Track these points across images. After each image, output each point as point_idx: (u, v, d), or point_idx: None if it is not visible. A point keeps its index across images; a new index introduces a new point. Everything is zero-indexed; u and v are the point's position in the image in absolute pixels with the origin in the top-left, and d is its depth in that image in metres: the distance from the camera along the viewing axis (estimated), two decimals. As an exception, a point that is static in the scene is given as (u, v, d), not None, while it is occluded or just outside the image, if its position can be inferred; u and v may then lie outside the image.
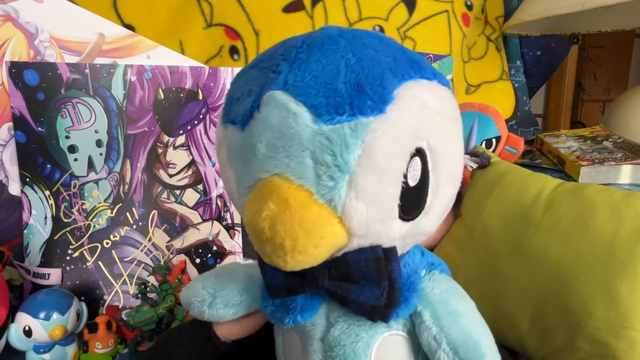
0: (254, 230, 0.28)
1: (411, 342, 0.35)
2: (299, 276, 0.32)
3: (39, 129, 0.65)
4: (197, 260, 0.73)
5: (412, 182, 0.31)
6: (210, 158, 0.73)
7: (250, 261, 0.76)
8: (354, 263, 0.31)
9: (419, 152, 0.31)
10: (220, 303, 0.39)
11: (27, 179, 0.65)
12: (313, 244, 0.28)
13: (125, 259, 0.69)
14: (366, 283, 0.32)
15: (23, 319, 0.54)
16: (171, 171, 0.72)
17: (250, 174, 0.30)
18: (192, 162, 0.72)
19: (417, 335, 0.34)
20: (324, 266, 0.31)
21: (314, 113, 0.28)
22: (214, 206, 0.74)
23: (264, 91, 0.30)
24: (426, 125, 0.31)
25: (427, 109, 0.31)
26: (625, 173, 0.70)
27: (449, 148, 0.33)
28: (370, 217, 0.29)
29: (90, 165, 0.68)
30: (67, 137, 0.66)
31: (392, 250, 0.32)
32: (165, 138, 0.71)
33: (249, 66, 0.34)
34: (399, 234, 0.32)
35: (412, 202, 0.31)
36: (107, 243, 0.69)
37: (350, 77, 0.29)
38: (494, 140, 0.79)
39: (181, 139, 0.72)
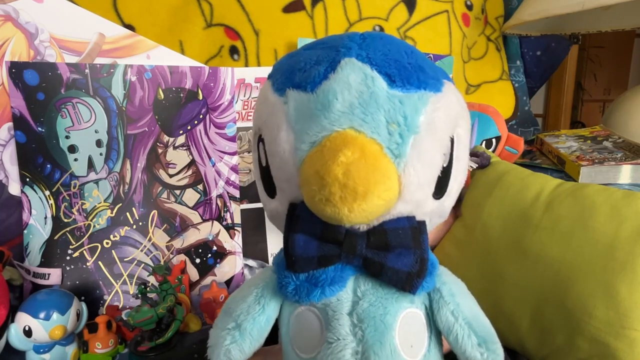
0: (324, 176, 0.29)
1: (426, 320, 0.37)
2: (335, 245, 0.34)
3: (39, 129, 0.65)
4: (197, 260, 0.73)
5: (445, 163, 0.34)
6: (210, 158, 0.73)
7: (249, 261, 0.76)
8: (392, 231, 0.33)
9: (451, 138, 0.35)
10: (248, 322, 0.38)
11: (27, 179, 0.65)
12: (378, 194, 0.29)
13: (125, 259, 0.69)
14: (402, 251, 0.34)
15: (23, 319, 0.54)
16: (171, 171, 0.72)
17: (319, 128, 0.31)
18: (192, 162, 0.72)
19: (435, 311, 0.37)
20: (362, 234, 0.33)
21: (388, 80, 0.32)
22: (214, 206, 0.74)
23: (339, 58, 0.32)
24: (460, 115, 0.35)
25: (460, 103, 0.36)
26: (625, 173, 0.70)
27: (467, 143, 0.37)
28: (421, 181, 0.32)
29: (90, 165, 0.68)
30: (67, 137, 0.66)
31: (423, 223, 0.35)
32: (165, 138, 0.71)
33: (302, 49, 0.36)
34: (429, 209, 0.35)
35: (442, 181, 0.35)
36: (107, 243, 0.69)
37: (412, 60, 0.33)
38: (494, 140, 0.79)
39: (181, 139, 0.72)
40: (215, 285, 0.69)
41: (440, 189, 0.35)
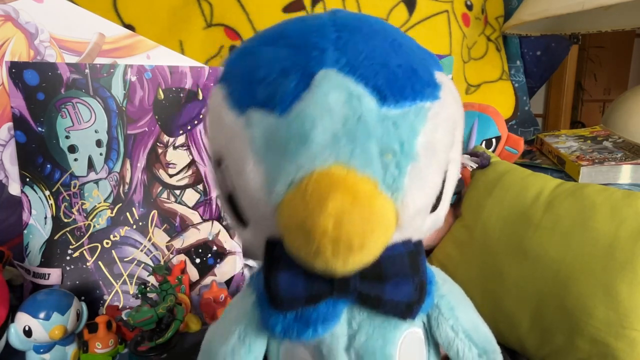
0: (310, 230, 0.24)
1: (425, 335, 0.35)
2: (325, 282, 0.29)
3: (39, 129, 0.65)
4: (197, 260, 0.73)
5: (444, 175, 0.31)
6: (210, 158, 0.73)
7: (249, 261, 0.76)
8: (387, 260, 0.29)
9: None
10: None
11: (27, 179, 0.65)
12: (375, 241, 0.25)
13: (125, 259, 0.69)
14: (400, 280, 0.30)
15: (23, 319, 0.54)
16: (171, 171, 0.72)
17: (296, 166, 0.25)
18: (192, 162, 0.72)
19: (434, 328, 0.34)
20: None
21: (377, 96, 0.26)
22: (214, 206, 0.74)
23: (312, 69, 0.26)
24: (458, 113, 0.31)
25: (454, 97, 0.31)
26: (625, 173, 0.70)
27: (461, 140, 0.33)
28: (420, 208, 0.28)
29: (90, 165, 0.68)
30: (67, 137, 0.66)
31: (420, 243, 0.32)
32: (165, 138, 0.71)
33: (259, 43, 0.29)
34: (426, 227, 0.31)
35: (438, 196, 0.31)
36: (107, 243, 0.69)
37: (402, 60, 0.27)
38: (494, 140, 0.79)
39: (181, 139, 0.72)
40: (215, 285, 0.69)
41: (435, 204, 0.31)
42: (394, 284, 0.30)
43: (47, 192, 0.66)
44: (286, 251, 0.27)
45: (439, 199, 0.31)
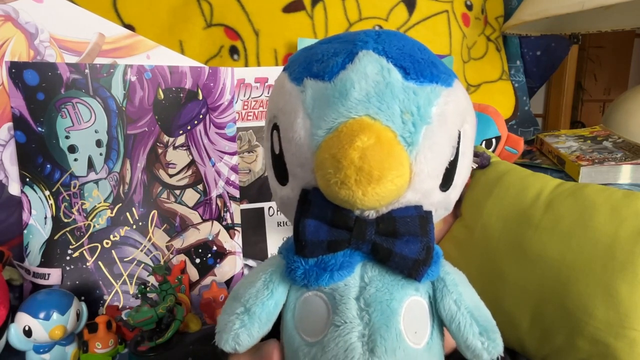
0: (340, 159, 0.30)
1: (430, 308, 0.38)
2: (345, 230, 0.34)
3: (39, 129, 0.65)
4: (197, 260, 0.73)
5: (452, 156, 0.36)
6: (210, 158, 0.73)
7: (249, 261, 0.76)
8: (400, 218, 0.35)
9: (459, 132, 0.36)
10: (257, 306, 0.38)
11: (27, 179, 0.65)
12: (391, 179, 0.30)
13: (125, 259, 0.69)
14: (409, 238, 0.35)
15: (23, 319, 0.54)
16: (171, 171, 0.72)
17: (336, 115, 0.32)
18: (192, 162, 0.72)
19: (438, 300, 0.38)
20: (371, 221, 0.34)
21: (403, 72, 0.33)
22: (213, 206, 0.74)
23: (357, 50, 0.34)
24: (467, 111, 0.37)
25: (467, 99, 0.37)
26: (625, 173, 0.70)
27: (472, 140, 0.38)
28: (431, 170, 0.34)
29: (90, 165, 0.68)
30: (67, 137, 0.66)
31: (430, 213, 0.36)
32: (165, 138, 0.71)
33: (318, 43, 0.38)
34: (436, 200, 0.36)
35: (449, 173, 0.36)
36: (107, 243, 0.69)
37: (425, 56, 0.35)
38: (493, 140, 0.79)
39: (181, 139, 0.72)
40: (215, 285, 0.69)
41: (446, 181, 0.36)
42: (405, 241, 0.35)
43: (47, 192, 0.66)
44: (316, 198, 0.34)
45: (449, 179, 0.36)
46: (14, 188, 0.65)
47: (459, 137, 0.36)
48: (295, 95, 0.35)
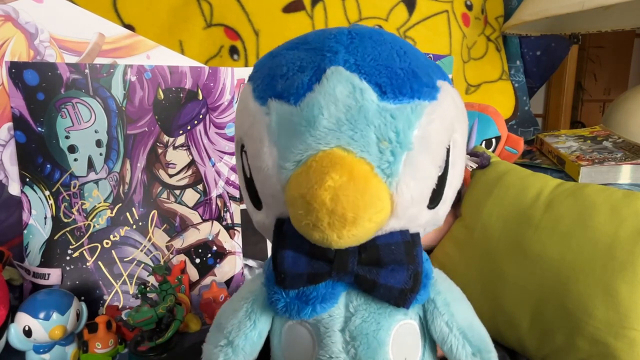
0: (310, 201, 0.27)
1: (420, 330, 0.37)
2: (326, 262, 0.32)
3: (39, 129, 0.65)
4: (197, 260, 0.73)
5: (440, 172, 0.33)
6: (210, 158, 0.73)
7: (249, 261, 0.76)
8: (384, 246, 0.32)
9: (447, 148, 0.33)
10: (239, 339, 0.37)
11: (27, 179, 0.65)
12: (369, 218, 0.28)
13: (125, 259, 0.69)
14: (395, 267, 0.33)
15: (23, 319, 0.54)
16: (171, 171, 0.72)
17: (304, 146, 0.29)
18: (192, 162, 0.72)
19: (429, 322, 0.36)
20: (353, 251, 0.32)
21: (378, 91, 0.29)
22: (213, 206, 0.74)
23: (324, 66, 0.30)
24: (457, 119, 0.34)
25: (456, 105, 0.34)
26: (625, 173, 0.70)
27: (463, 145, 0.35)
28: (415, 197, 0.31)
29: (90, 165, 0.68)
30: (67, 137, 0.66)
31: (417, 235, 0.34)
32: (165, 138, 0.71)
33: (284, 48, 0.34)
34: (424, 221, 0.34)
35: (436, 191, 0.33)
36: (107, 243, 0.69)
37: (404, 65, 0.31)
38: (493, 140, 0.79)
39: (181, 139, 0.72)
40: (215, 285, 0.69)
41: (435, 199, 0.33)
42: (390, 270, 0.33)
43: (47, 192, 0.66)
44: (292, 229, 0.30)
45: (437, 197, 0.33)
46: (14, 188, 0.65)
47: (448, 152, 0.33)
48: (260, 118, 0.32)
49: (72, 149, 0.67)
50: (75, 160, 0.67)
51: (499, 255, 0.54)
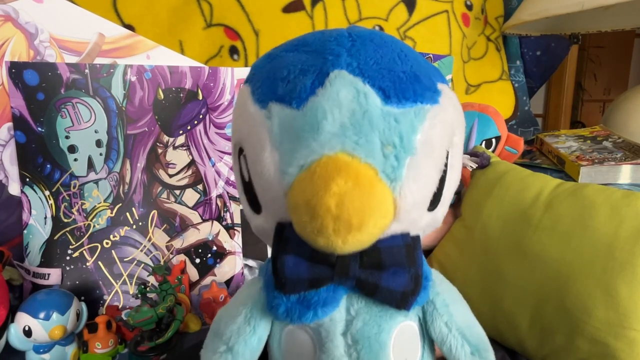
0: (315, 208, 0.27)
1: (420, 331, 0.37)
2: (328, 266, 0.32)
3: (39, 129, 0.65)
4: (197, 260, 0.73)
5: (440, 174, 0.33)
6: (210, 158, 0.73)
7: (249, 261, 0.76)
8: (386, 250, 0.32)
9: (447, 151, 0.33)
10: (239, 345, 0.36)
11: (27, 179, 0.65)
12: (374, 223, 0.28)
13: (125, 259, 0.69)
14: (396, 270, 0.33)
15: (23, 319, 0.54)
16: (171, 171, 0.72)
17: (307, 151, 0.29)
18: (192, 162, 0.72)
19: (429, 323, 0.36)
20: (355, 255, 0.31)
21: (382, 95, 0.29)
22: (213, 206, 0.74)
23: (327, 70, 0.30)
24: (457, 122, 0.34)
25: (456, 108, 0.34)
26: (625, 173, 0.70)
27: (461, 147, 0.35)
28: (417, 201, 0.31)
29: (90, 165, 0.68)
30: (67, 137, 0.66)
31: (417, 238, 0.34)
32: (165, 138, 0.71)
33: (282, 50, 0.33)
34: (424, 224, 0.34)
35: (436, 194, 0.33)
36: (107, 243, 0.69)
37: (406, 68, 0.31)
38: (493, 140, 0.79)
39: (181, 139, 0.72)
40: (215, 285, 0.69)
41: (434, 202, 0.34)
42: (391, 272, 0.33)
43: (47, 192, 0.66)
44: (293, 234, 0.30)
45: (437, 199, 0.33)
46: (14, 188, 0.65)
47: (447, 155, 0.33)
48: (261, 122, 0.31)
49: (72, 149, 0.67)
50: (75, 160, 0.67)
51: (499, 255, 0.54)
